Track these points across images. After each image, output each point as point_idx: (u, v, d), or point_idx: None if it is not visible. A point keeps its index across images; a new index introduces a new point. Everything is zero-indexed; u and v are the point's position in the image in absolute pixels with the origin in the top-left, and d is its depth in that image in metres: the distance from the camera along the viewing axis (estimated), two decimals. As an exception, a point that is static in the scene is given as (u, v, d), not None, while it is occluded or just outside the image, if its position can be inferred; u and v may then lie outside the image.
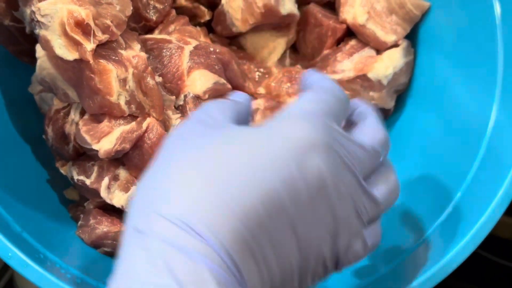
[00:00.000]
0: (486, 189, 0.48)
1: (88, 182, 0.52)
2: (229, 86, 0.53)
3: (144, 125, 0.49)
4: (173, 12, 0.58)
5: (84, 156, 0.55)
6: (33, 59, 0.59)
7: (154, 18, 0.57)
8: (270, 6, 0.55)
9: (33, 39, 0.56)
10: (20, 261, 0.44)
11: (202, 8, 0.60)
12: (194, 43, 0.53)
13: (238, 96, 0.41)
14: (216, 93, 0.53)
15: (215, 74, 0.53)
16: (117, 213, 0.52)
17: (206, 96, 0.52)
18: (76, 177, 0.53)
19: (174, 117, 0.51)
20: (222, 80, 0.53)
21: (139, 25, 0.56)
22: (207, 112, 0.37)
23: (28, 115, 0.59)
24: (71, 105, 0.53)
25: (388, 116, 0.62)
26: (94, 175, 0.52)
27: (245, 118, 0.40)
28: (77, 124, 0.52)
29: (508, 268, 0.78)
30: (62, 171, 0.55)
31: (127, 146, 0.49)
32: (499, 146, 0.50)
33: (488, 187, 0.48)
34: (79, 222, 0.55)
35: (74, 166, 0.54)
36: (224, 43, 0.62)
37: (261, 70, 0.61)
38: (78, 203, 0.58)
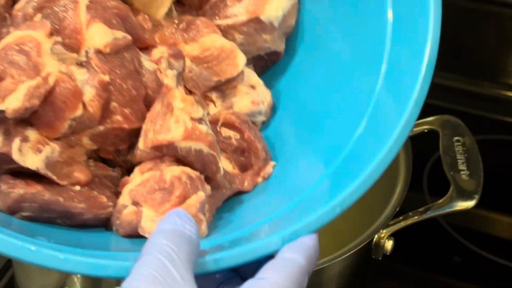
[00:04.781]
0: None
1: (-5, 147, 0.50)
2: (129, 38, 0.54)
3: (51, 79, 0.48)
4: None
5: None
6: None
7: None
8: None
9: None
10: None
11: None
12: (86, -3, 0.53)
13: (186, 224, 0.42)
14: (118, 47, 0.53)
15: (113, 28, 0.53)
16: (30, 176, 0.51)
17: (108, 49, 0.52)
18: (-21, 144, 0.51)
19: (80, 72, 0.51)
20: (121, 33, 0.53)
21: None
22: (166, 270, 0.39)
23: None
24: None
25: (279, 58, 0.66)
26: (0, 139, 0.50)
27: (196, 254, 0.42)
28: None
29: (508, 268, 0.81)
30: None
31: (36, 102, 0.48)
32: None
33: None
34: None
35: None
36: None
37: (151, 23, 0.61)
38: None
